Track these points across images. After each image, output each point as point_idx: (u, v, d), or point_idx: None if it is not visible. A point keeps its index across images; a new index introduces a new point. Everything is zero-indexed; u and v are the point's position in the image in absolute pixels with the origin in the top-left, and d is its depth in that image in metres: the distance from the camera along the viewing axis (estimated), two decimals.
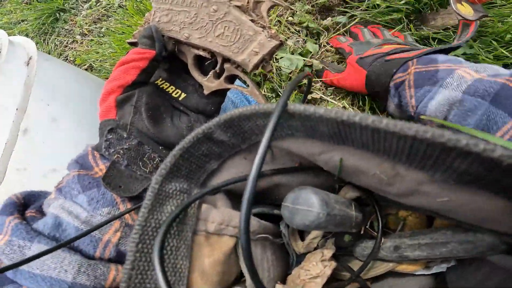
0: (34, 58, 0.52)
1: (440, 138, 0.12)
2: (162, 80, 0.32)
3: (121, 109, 0.29)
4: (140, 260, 0.18)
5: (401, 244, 0.22)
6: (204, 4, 0.28)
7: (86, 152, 0.29)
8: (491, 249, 0.19)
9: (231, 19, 0.27)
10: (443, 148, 0.12)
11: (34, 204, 0.29)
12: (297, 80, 0.18)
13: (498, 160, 0.11)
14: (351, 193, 0.24)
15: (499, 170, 0.12)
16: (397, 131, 0.12)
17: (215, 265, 0.20)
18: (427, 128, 0.12)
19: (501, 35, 0.57)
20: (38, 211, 0.28)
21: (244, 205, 0.14)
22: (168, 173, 0.18)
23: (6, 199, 0.28)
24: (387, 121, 0.13)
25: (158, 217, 0.18)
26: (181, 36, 0.30)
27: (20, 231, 0.24)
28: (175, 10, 0.29)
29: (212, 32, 0.28)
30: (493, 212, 0.15)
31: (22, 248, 0.23)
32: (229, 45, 0.28)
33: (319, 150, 0.18)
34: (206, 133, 0.18)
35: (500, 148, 0.11)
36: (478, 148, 0.11)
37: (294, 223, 0.17)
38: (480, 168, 0.12)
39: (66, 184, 0.27)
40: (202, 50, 0.30)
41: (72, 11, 1.12)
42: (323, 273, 0.21)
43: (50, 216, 0.25)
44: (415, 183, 0.16)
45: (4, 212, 0.26)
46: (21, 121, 0.47)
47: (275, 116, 0.15)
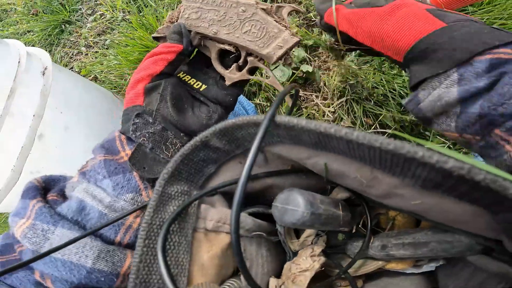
0: (50, 69, 0.56)
1: (400, 149, 0.13)
2: (184, 73, 0.35)
3: (149, 96, 0.30)
4: (147, 254, 0.20)
5: (388, 243, 0.24)
6: (233, 5, 0.32)
7: (113, 136, 0.30)
8: (468, 249, 0.20)
9: (258, 18, 0.32)
10: (405, 158, 0.14)
11: (55, 188, 0.29)
12: (284, 93, 0.20)
13: (449, 170, 0.13)
14: (342, 194, 0.26)
15: (454, 179, 0.13)
16: (366, 142, 0.14)
17: (213, 259, 0.22)
18: (390, 141, 0.14)
19: None
20: (59, 195, 0.28)
21: (234, 205, 0.16)
22: (170, 177, 0.20)
23: (27, 183, 0.28)
24: (357, 134, 0.15)
25: (162, 216, 0.21)
26: (209, 32, 0.33)
27: (44, 215, 0.24)
28: (205, 8, 0.33)
29: (239, 29, 0.32)
30: (460, 215, 0.17)
31: (45, 232, 0.23)
32: (255, 40, 0.32)
33: (306, 155, 0.20)
34: (203, 141, 0.20)
35: (452, 160, 0.13)
36: (432, 159, 0.13)
37: (283, 221, 0.19)
38: (437, 177, 0.14)
39: (91, 168, 0.27)
40: (228, 44, 0.34)
41: (77, 23, 1.16)
42: (312, 267, 0.23)
43: (74, 199, 0.25)
44: (390, 186, 0.18)
45: (27, 196, 0.26)
46: (38, 127, 0.50)
47: (263, 126, 0.17)
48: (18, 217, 0.25)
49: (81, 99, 0.60)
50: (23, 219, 0.24)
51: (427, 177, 0.15)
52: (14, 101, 0.48)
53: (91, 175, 0.27)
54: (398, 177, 0.17)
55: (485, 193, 0.13)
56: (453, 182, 0.14)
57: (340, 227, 0.24)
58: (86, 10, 1.16)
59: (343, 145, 0.17)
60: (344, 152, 0.18)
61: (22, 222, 0.24)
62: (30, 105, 0.50)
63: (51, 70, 0.55)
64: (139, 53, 0.84)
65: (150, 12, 0.93)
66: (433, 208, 0.17)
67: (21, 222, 0.24)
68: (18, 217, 0.25)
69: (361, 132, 0.15)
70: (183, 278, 0.21)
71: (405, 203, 0.18)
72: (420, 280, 0.27)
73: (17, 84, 0.49)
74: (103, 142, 0.30)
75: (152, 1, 0.98)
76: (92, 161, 0.29)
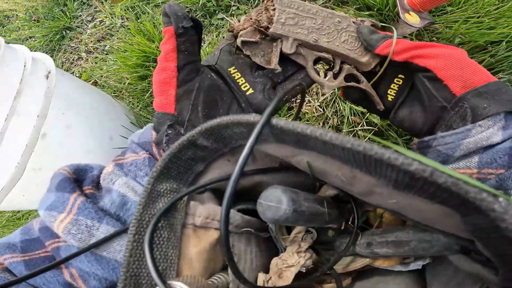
0: (53, 72, 0.58)
1: (369, 151, 0.14)
2: (235, 70, 0.33)
3: (180, 104, 0.29)
4: (136, 249, 0.21)
5: (372, 241, 0.24)
6: (329, 15, 0.33)
7: (149, 140, 0.29)
8: (446, 249, 0.20)
9: (352, 30, 0.33)
10: (375, 159, 0.14)
11: (86, 179, 0.28)
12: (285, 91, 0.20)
13: (413, 172, 0.13)
14: (330, 191, 0.27)
15: (420, 181, 0.14)
16: (338, 143, 0.15)
17: (201, 254, 0.23)
18: (360, 143, 0.14)
19: (451, 39, 0.62)
20: (94, 187, 0.27)
21: (224, 202, 0.16)
22: (159, 175, 0.21)
23: (56, 174, 0.26)
24: (331, 135, 0.15)
25: (151, 212, 0.22)
26: (310, 39, 0.33)
27: (88, 210, 0.23)
28: (301, 15, 0.33)
29: (338, 38, 0.33)
30: (434, 215, 0.17)
31: (90, 228, 0.23)
32: (353, 49, 0.33)
33: (290, 153, 0.21)
34: (190, 140, 0.21)
35: (416, 163, 0.13)
36: (397, 161, 0.13)
37: (266, 218, 0.20)
38: (405, 178, 0.15)
39: (133, 163, 0.26)
40: (325, 53, 0.34)
41: (78, 29, 1.18)
42: (297, 262, 0.23)
43: (116, 193, 0.25)
44: (369, 185, 0.18)
45: (64, 189, 0.25)
46: (42, 126, 0.52)
47: (259, 125, 0.17)
48: (55, 211, 0.23)
49: (81, 101, 0.62)
50: (63, 214, 0.23)
51: (397, 178, 0.15)
52: (20, 102, 0.50)
53: (130, 169, 0.26)
54: (374, 176, 0.17)
55: (450, 195, 0.14)
56: (420, 183, 0.14)
57: (327, 224, 0.24)
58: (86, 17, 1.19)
59: (320, 145, 0.17)
60: (324, 152, 0.18)
61: (63, 216, 0.23)
62: (35, 106, 0.52)
63: (54, 73, 0.57)
64: (137, 58, 0.86)
65: (147, 19, 0.95)
66: (409, 208, 0.18)
67: (61, 217, 0.23)
68: (56, 211, 0.23)
69: (334, 133, 0.15)
70: (172, 272, 0.22)
71: (384, 201, 0.19)
72: (410, 278, 0.27)
73: (23, 86, 0.51)
74: (140, 142, 0.29)
75: (149, 8, 1.00)
76: (133, 155, 0.27)
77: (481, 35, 0.60)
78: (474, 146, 0.24)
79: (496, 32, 0.59)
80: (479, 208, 0.12)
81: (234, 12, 0.88)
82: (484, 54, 0.60)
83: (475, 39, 0.60)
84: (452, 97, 0.27)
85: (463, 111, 0.26)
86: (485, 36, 0.59)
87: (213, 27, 0.91)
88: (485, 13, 0.61)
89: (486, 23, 0.60)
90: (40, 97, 0.53)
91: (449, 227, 0.18)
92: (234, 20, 0.87)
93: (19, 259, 0.24)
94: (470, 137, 0.24)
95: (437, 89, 0.28)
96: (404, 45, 0.30)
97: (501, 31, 0.59)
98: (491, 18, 0.61)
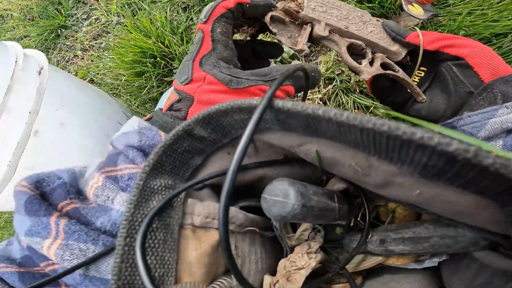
0: (45, 68, 0.56)
1: (396, 131, 0.12)
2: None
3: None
4: (128, 254, 0.19)
5: (386, 237, 0.22)
6: (352, 9, 0.34)
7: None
8: (472, 245, 0.18)
9: (375, 23, 0.35)
10: (401, 140, 0.12)
11: (55, 192, 0.24)
12: (286, 74, 0.18)
13: (453, 154, 0.11)
14: (338, 185, 0.25)
15: (458, 165, 0.12)
16: (357, 124, 0.13)
17: (202, 257, 0.21)
18: (384, 121, 0.12)
19: (455, 32, 0.62)
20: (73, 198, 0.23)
21: (222, 198, 0.14)
22: (152, 170, 0.19)
23: (17, 193, 0.22)
24: (347, 114, 0.13)
25: (144, 212, 0.19)
26: (341, 25, 0.33)
27: (77, 234, 0.21)
28: (328, 5, 0.33)
29: (365, 28, 0.34)
30: (465, 207, 0.15)
31: (84, 252, 0.20)
32: (382, 39, 0.34)
33: (297, 142, 0.19)
34: (186, 130, 0.19)
35: (456, 142, 0.11)
36: (433, 141, 0.11)
37: (272, 214, 0.18)
38: (439, 162, 0.12)
39: (132, 176, 0.23)
40: (356, 40, 0.34)
41: (73, 27, 1.17)
42: (308, 264, 0.21)
43: (118, 213, 0.22)
44: (388, 174, 0.16)
45: (37, 212, 0.21)
46: (33, 123, 0.50)
47: (259, 109, 0.15)
48: (38, 237, 0.21)
49: (76, 98, 0.60)
50: (48, 239, 0.21)
51: (427, 163, 0.13)
52: (11, 98, 0.49)
53: (128, 184, 0.23)
54: (396, 164, 0.15)
55: (494, 181, 0.12)
56: (457, 168, 0.12)
57: (336, 220, 0.22)
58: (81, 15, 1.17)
59: (334, 129, 0.15)
60: (336, 137, 0.16)
61: (49, 242, 0.21)
62: (27, 102, 0.51)
63: (47, 69, 0.56)
64: (133, 54, 0.84)
65: (144, 15, 0.94)
66: (434, 199, 0.16)
67: (47, 243, 0.21)
68: (39, 237, 0.21)
69: (351, 113, 0.13)
70: (170, 278, 0.20)
71: (404, 193, 0.17)
72: (423, 276, 0.26)
73: (14, 82, 0.50)
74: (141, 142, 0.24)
75: (145, 5, 0.98)
76: (129, 166, 0.23)
77: (486, 27, 0.60)
78: (500, 127, 0.24)
79: (500, 24, 0.59)
80: None
81: None
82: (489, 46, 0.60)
83: (480, 31, 0.60)
84: (480, 84, 0.29)
85: (492, 96, 0.27)
86: (489, 29, 0.59)
87: None
88: (488, 6, 0.62)
89: (490, 15, 0.60)
90: (32, 93, 0.51)
91: (481, 220, 0.16)
92: None
93: (14, 269, 0.22)
94: (496, 117, 0.24)
95: (466, 76, 0.30)
96: (434, 36, 0.32)
97: (506, 24, 0.59)
98: (495, 11, 0.61)
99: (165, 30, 0.85)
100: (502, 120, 0.23)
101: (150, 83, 0.84)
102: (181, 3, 0.94)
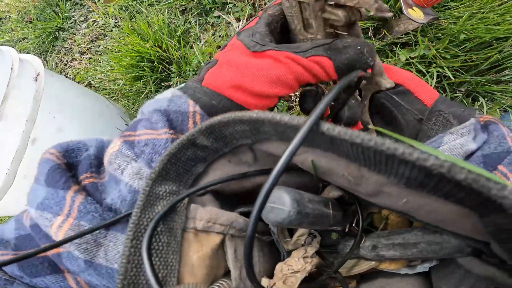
0: (42, 74, 0.56)
1: (381, 146, 0.13)
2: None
3: None
4: (134, 255, 0.20)
5: (378, 243, 0.24)
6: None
7: (186, 110, 0.23)
8: (457, 251, 0.20)
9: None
10: (386, 155, 0.14)
11: (81, 163, 0.23)
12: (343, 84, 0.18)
13: (430, 169, 0.12)
14: (333, 192, 0.26)
15: (435, 178, 0.13)
16: (347, 138, 0.14)
17: (204, 259, 0.22)
18: (371, 137, 0.14)
19: (455, 35, 0.60)
20: (94, 172, 0.22)
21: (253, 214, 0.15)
22: (157, 176, 0.20)
23: (43, 161, 0.22)
24: (339, 129, 0.14)
25: (150, 216, 0.20)
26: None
27: (91, 215, 0.19)
28: None
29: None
30: (447, 215, 0.16)
31: (96, 236, 0.20)
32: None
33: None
34: (190, 139, 0.20)
35: (433, 158, 0.12)
36: (412, 156, 0.12)
37: (269, 220, 0.19)
38: (420, 176, 0.14)
39: (148, 143, 0.22)
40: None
41: (71, 30, 1.17)
42: (304, 268, 0.22)
43: (127, 188, 0.21)
44: (377, 184, 0.17)
45: (56, 184, 0.20)
46: (31, 131, 0.50)
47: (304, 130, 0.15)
48: (49, 213, 0.20)
49: (73, 103, 0.60)
50: (60, 217, 0.19)
51: (410, 175, 0.14)
52: (7, 106, 0.48)
53: (144, 151, 0.22)
54: (384, 175, 0.16)
55: (469, 193, 0.13)
56: (435, 181, 0.14)
57: (331, 226, 0.23)
58: (79, 17, 1.17)
59: (326, 142, 0.16)
60: (330, 149, 0.18)
61: (60, 220, 0.19)
62: (23, 110, 0.51)
63: (43, 75, 0.56)
64: (131, 58, 0.84)
65: (141, 18, 0.94)
66: (420, 208, 0.17)
67: (58, 221, 0.19)
68: (50, 213, 0.20)
69: (343, 128, 0.15)
70: (173, 279, 0.21)
71: (393, 202, 0.18)
72: (416, 281, 0.27)
73: (10, 90, 0.50)
74: (168, 107, 0.23)
75: (143, 7, 0.99)
76: (148, 132, 0.22)
77: (487, 31, 0.58)
78: (450, 154, 0.22)
79: (502, 28, 0.57)
80: (502, 206, 0.12)
81: (231, 9, 0.87)
82: (490, 50, 0.59)
83: (481, 35, 0.58)
84: (424, 109, 0.27)
85: (442, 118, 0.26)
86: (491, 32, 0.58)
87: (209, 25, 0.90)
88: (490, 9, 0.60)
89: (491, 19, 0.58)
90: (28, 100, 0.51)
91: (463, 229, 0.17)
92: (231, 18, 0.86)
93: (11, 257, 0.21)
94: (444, 145, 0.23)
95: (410, 102, 0.27)
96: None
97: (508, 27, 0.57)
98: (497, 14, 0.59)
99: (163, 33, 0.85)
100: (451, 147, 0.22)
101: (148, 87, 0.85)
102: (179, 6, 0.94)
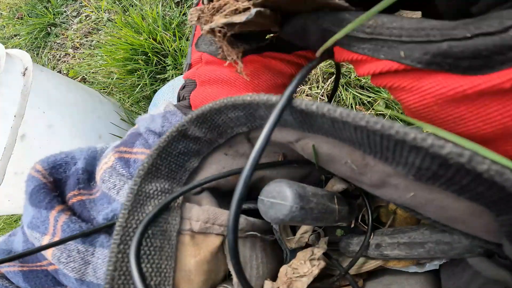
0: (30, 69, 0.54)
1: (389, 130, 0.11)
2: None
3: None
4: (122, 261, 0.18)
5: (382, 242, 0.22)
6: None
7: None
8: (467, 251, 0.18)
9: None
10: (395, 140, 0.11)
11: (70, 179, 0.22)
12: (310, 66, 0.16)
13: (446, 158, 0.10)
14: (338, 185, 0.24)
15: (452, 169, 0.11)
16: (350, 121, 0.12)
17: (201, 264, 0.20)
18: (378, 120, 0.11)
19: None
20: (82, 188, 0.22)
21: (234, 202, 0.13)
22: (147, 173, 0.18)
23: (28, 179, 0.21)
24: (341, 111, 0.12)
25: (139, 217, 0.18)
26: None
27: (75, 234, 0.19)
28: None
29: None
30: (459, 213, 0.14)
31: (83, 254, 0.19)
32: None
33: (295, 137, 0.18)
34: (180, 131, 0.18)
35: (450, 145, 0.10)
36: (426, 143, 0.10)
37: (269, 217, 0.17)
38: (433, 166, 0.11)
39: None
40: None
41: (63, 25, 1.15)
42: (310, 272, 0.20)
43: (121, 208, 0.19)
44: (384, 174, 0.15)
45: (40, 204, 0.20)
46: (19, 127, 0.48)
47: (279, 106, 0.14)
48: (37, 232, 0.20)
49: (64, 98, 0.58)
50: (47, 236, 0.19)
51: (421, 165, 0.12)
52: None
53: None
54: (391, 164, 0.14)
55: (489, 188, 0.11)
56: (451, 173, 0.11)
57: (337, 222, 0.21)
58: (71, 12, 1.14)
59: (328, 125, 0.14)
60: (332, 134, 0.15)
61: (47, 240, 0.20)
62: (11, 105, 0.49)
63: (32, 70, 0.54)
64: (125, 52, 0.82)
65: (135, 12, 0.92)
66: (428, 203, 0.15)
67: (45, 240, 0.20)
68: (38, 232, 0.20)
69: (345, 109, 0.12)
70: (167, 286, 0.19)
71: (398, 196, 0.16)
72: (425, 279, 0.25)
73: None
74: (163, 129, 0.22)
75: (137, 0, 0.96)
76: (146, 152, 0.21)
77: None
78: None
79: None
80: None
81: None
82: None
83: None
84: None
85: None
86: None
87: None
88: None
89: None
90: (16, 95, 0.49)
91: (474, 228, 0.15)
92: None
93: (17, 269, 0.21)
94: None
95: None
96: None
97: None
98: None
99: (157, 26, 0.83)
100: None
101: (143, 80, 0.83)
102: None
